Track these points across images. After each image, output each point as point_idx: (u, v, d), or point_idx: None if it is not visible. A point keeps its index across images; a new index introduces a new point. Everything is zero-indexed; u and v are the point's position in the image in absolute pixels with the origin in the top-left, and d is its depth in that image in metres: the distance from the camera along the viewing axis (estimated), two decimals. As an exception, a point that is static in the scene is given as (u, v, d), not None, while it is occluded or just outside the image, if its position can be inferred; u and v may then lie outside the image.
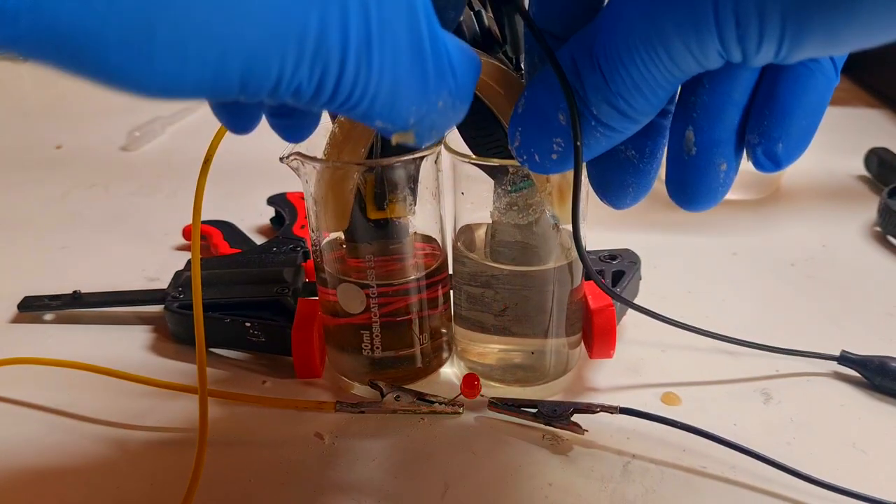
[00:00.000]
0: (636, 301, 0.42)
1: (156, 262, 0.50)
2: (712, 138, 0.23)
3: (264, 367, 0.40)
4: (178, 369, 0.40)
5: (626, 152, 0.24)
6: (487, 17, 0.31)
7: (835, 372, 0.38)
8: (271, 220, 0.55)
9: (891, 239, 0.52)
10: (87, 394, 0.38)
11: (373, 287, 0.35)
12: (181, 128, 0.76)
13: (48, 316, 0.44)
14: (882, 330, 0.43)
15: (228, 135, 0.26)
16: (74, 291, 0.44)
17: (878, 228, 0.54)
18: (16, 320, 0.44)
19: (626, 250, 0.43)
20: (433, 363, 0.38)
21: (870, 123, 0.75)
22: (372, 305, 0.35)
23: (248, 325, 0.39)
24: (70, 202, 0.59)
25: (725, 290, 0.47)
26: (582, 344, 0.39)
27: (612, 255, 0.43)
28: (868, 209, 0.56)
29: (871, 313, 0.44)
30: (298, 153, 0.33)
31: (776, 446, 0.34)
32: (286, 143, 0.33)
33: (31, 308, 0.44)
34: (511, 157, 0.31)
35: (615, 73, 0.21)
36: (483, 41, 0.32)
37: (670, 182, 0.24)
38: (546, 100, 0.23)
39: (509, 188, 0.33)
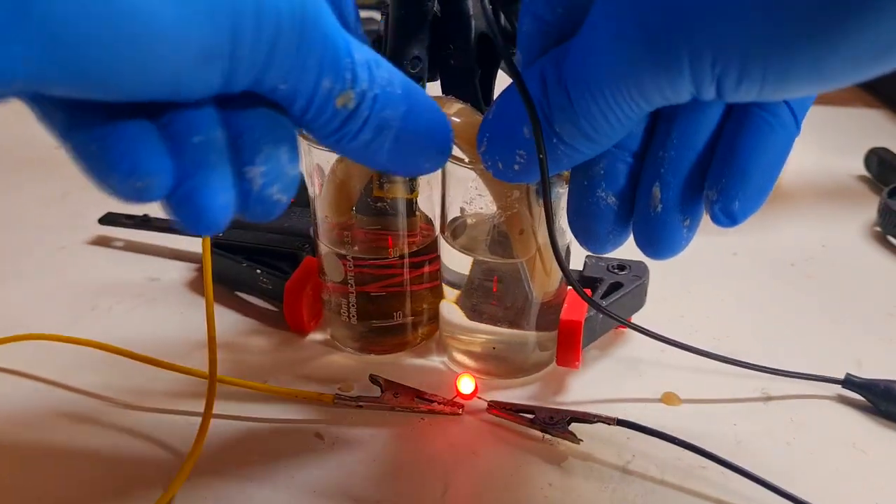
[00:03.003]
0: (642, 310, 0.42)
1: (156, 262, 0.50)
2: (678, 195, 0.23)
3: (275, 318, 0.43)
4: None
5: (606, 199, 0.24)
6: (486, 16, 0.31)
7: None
8: None
9: (891, 239, 0.52)
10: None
11: (349, 260, 0.36)
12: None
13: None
14: (882, 330, 0.43)
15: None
16: (144, 214, 0.51)
17: (878, 228, 0.54)
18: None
19: (638, 262, 0.42)
20: (413, 337, 0.40)
21: (870, 123, 0.75)
22: (349, 277, 0.37)
23: (258, 271, 0.43)
24: (70, 202, 0.59)
25: (725, 290, 0.46)
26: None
27: (622, 265, 0.41)
28: (868, 209, 0.56)
29: (871, 313, 0.44)
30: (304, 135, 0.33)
31: (776, 447, 0.34)
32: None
33: (111, 223, 0.51)
34: None
35: (581, 97, 0.21)
36: (495, 39, 0.32)
37: (637, 236, 0.25)
38: (513, 111, 0.23)
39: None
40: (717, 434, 0.35)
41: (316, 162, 0.35)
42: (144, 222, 0.50)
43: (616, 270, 0.41)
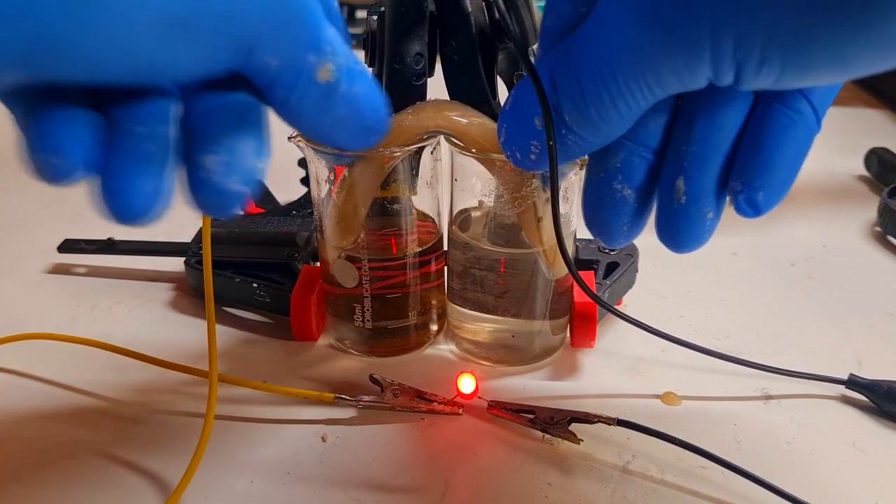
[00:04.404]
0: (632, 292, 0.42)
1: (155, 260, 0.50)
2: (701, 188, 0.24)
3: (271, 329, 0.42)
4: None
5: (622, 192, 0.25)
6: (498, 10, 0.32)
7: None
8: (301, 180, 0.56)
9: (891, 239, 0.52)
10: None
11: (364, 262, 0.36)
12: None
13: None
14: (882, 330, 0.43)
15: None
16: (109, 238, 0.48)
17: (878, 228, 0.54)
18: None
19: None
20: (424, 335, 0.40)
21: (870, 123, 0.75)
22: (364, 280, 0.36)
23: (255, 285, 0.42)
24: (70, 202, 0.59)
25: (725, 290, 0.46)
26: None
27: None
28: (868, 209, 0.56)
29: (871, 313, 0.44)
30: (305, 137, 0.33)
31: (776, 447, 0.34)
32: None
33: (70, 250, 0.48)
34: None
35: (592, 84, 0.21)
36: (492, 32, 0.33)
37: (660, 228, 0.25)
38: (526, 103, 0.24)
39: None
40: (717, 434, 0.35)
41: (315, 168, 0.35)
42: (109, 246, 0.48)
43: (608, 251, 0.42)
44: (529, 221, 0.34)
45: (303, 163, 0.56)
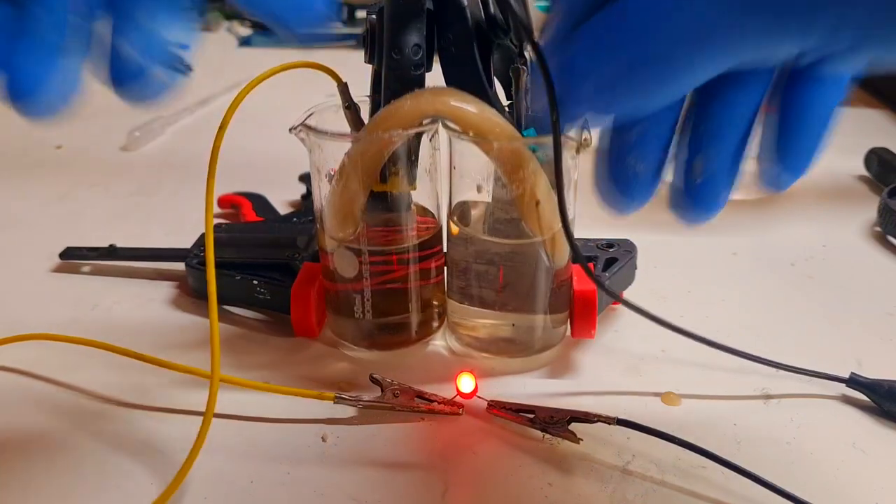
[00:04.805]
0: (632, 292, 0.43)
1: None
2: (718, 166, 0.24)
3: (270, 327, 0.43)
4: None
5: (635, 167, 0.25)
6: (493, 5, 0.33)
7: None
8: (302, 196, 0.56)
9: (891, 239, 0.52)
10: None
11: (364, 255, 0.36)
12: (181, 127, 0.76)
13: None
14: (882, 330, 0.43)
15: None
16: (110, 245, 0.49)
17: (878, 228, 0.54)
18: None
19: (624, 240, 0.43)
20: (424, 331, 0.40)
21: (870, 123, 0.75)
22: (364, 271, 0.36)
23: (255, 282, 0.42)
24: (70, 202, 0.59)
25: (725, 290, 0.46)
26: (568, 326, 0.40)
27: (610, 244, 0.43)
28: (868, 209, 0.56)
29: (871, 313, 0.44)
30: (306, 125, 0.34)
31: (776, 447, 0.34)
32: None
33: (72, 257, 0.48)
34: None
35: (658, 57, 0.20)
36: (488, 27, 0.34)
37: (674, 203, 0.25)
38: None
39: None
40: (717, 434, 0.35)
41: (316, 159, 0.35)
42: (110, 253, 0.49)
43: (606, 248, 0.43)
44: (528, 206, 0.34)
45: (304, 178, 0.57)
